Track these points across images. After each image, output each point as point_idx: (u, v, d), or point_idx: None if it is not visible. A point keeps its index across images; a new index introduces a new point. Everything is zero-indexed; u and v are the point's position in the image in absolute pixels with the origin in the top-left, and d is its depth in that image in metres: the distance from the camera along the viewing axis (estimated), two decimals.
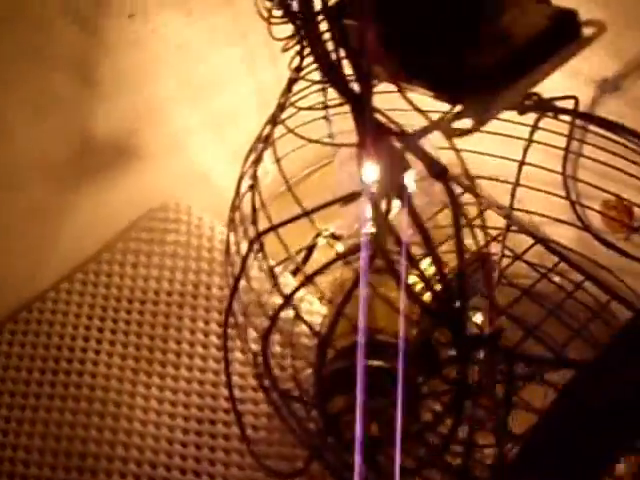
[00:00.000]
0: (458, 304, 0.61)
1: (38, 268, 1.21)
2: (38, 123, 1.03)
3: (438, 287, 0.63)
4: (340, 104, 0.66)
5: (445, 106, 0.60)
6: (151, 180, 1.25)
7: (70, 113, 1.07)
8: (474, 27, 0.58)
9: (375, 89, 0.62)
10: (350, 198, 0.70)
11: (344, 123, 0.72)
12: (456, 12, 0.58)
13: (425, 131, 0.57)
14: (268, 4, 0.74)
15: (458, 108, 0.57)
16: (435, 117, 0.59)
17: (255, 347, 0.91)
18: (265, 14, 0.76)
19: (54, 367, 1.13)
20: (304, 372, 0.99)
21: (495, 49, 0.56)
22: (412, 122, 0.60)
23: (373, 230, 0.64)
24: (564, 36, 0.57)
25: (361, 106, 0.60)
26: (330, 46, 0.66)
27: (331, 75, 0.63)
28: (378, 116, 0.61)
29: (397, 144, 0.59)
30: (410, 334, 0.80)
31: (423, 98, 0.60)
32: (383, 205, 0.62)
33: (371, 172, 0.62)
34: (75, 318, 1.18)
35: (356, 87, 0.63)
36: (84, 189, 1.17)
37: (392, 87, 0.60)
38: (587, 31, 0.59)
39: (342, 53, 0.63)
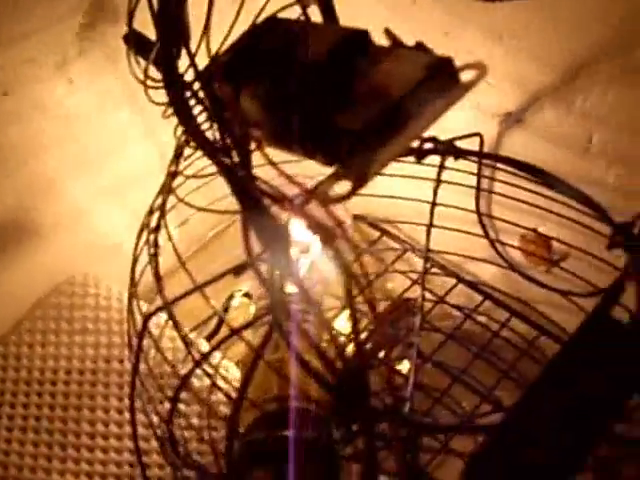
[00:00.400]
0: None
1: None
2: None
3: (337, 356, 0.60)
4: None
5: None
6: (55, 255, 1.21)
7: None
8: (346, 84, 0.55)
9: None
10: (240, 268, 0.67)
11: None
12: (327, 74, 0.55)
13: (303, 197, 0.53)
14: (143, 65, 0.70)
15: (335, 170, 0.53)
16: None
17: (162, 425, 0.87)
18: (141, 77, 0.71)
19: None
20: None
21: (369, 105, 0.53)
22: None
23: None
24: (442, 84, 0.55)
25: (235, 176, 0.57)
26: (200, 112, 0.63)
27: (201, 144, 0.59)
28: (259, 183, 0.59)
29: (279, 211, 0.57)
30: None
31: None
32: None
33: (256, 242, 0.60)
34: None
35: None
36: None
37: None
38: (468, 75, 0.56)
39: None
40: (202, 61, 0.62)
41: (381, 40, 0.61)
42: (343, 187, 0.52)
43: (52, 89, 1.05)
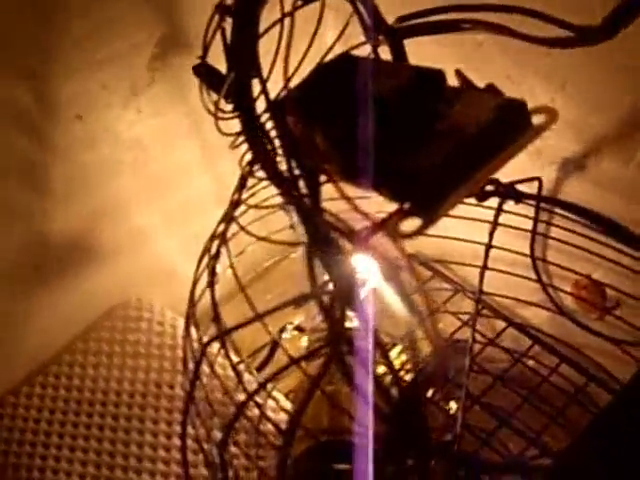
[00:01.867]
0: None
1: None
2: None
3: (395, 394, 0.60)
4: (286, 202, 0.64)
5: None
6: (112, 278, 1.22)
7: (23, 219, 1.05)
8: (420, 123, 0.56)
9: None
10: (302, 300, 0.67)
11: None
12: (400, 111, 0.56)
13: (371, 232, 0.54)
14: (214, 97, 0.71)
15: (406, 207, 0.54)
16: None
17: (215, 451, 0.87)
18: (212, 108, 0.73)
19: (12, 476, 1.08)
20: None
21: (443, 144, 0.53)
22: None
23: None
24: (514, 126, 0.55)
25: (303, 207, 0.58)
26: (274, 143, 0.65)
27: (272, 175, 0.61)
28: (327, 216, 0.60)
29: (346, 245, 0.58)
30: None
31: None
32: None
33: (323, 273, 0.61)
34: (35, 423, 1.14)
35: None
36: (44, 291, 1.14)
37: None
38: (538, 119, 0.57)
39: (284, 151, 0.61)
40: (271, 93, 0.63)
41: (452, 82, 0.62)
42: (408, 225, 0.53)
43: (123, 116, 1.07)
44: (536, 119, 0.57)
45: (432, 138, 0.54)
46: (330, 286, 0.61)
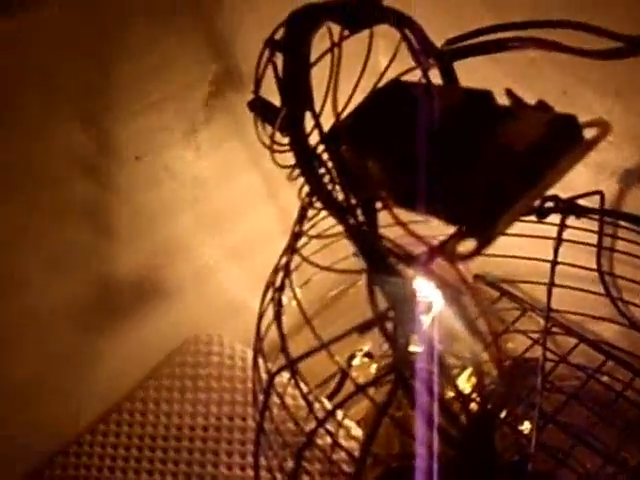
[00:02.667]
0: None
1: (75, 412, 1.20)
2: (58, 275, 1.03)
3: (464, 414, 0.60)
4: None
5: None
6: (181, 314, 1.23)
7: (89, 261, 1.07)
8: (472, 144, 0.56)
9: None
10: (367, 326, 0.67)
11: None
12: (452, 133, 0.56)
13: (430, 256, 0.54)
14: (269, 131, 0.72)
15: (462, 229, 0.54)
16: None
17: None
18: (267, 142, 0.74)
19: None
20: None
21: (495, 164, 0.53)
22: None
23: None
24: (565, 141, 0.55)
25: (362, 235, 0.58)
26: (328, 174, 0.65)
27: (329, 205, 0.61)
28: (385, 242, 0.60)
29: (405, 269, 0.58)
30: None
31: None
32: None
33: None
34: (111, 461, 1.15)
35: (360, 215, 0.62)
36: (114, 331, 1.15)
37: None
38: (591, 132, 0.57)
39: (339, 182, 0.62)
40: (325, 124, 0.63)
41: (503, 101, 0.61)
42: (466, 246, 0.53)
43: (181, 154, 1.09)
44: (589, 132, 0.57)
45: (484, 158, 0.54)
46: (392, 312, 0.61)
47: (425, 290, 0.92)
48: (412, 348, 0.62)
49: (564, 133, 0.55)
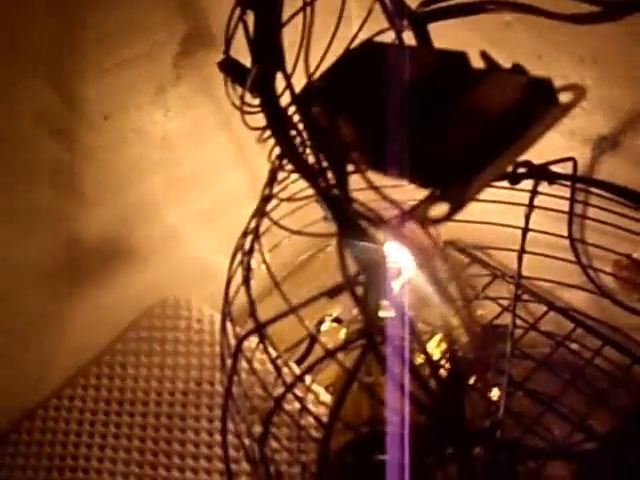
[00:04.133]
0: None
1: (40, 376, 1.19)
2: (24, 237, 1.01)
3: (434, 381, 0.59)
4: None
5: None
6: (148, 278, 1.22)
7: (56, 223, 1.05)
8: (445, 107, 0.55)
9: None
10: (337, 290, 0.67)
11: None
12: (424, 96, 0.55)
13: (402, 220, 0.53)
14: (239, 91, 0.71)
15: (432, 192, 0.53)
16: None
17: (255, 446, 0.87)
18: (237, 103, 0.72)
19: (57, 477, 1.09)
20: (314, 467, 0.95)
21: (468, 127, 0.53)
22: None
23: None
24: (540, 105, 0.54)
25: (332, 198, 0.57)
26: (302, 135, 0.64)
27: (299, 167, 0.60)
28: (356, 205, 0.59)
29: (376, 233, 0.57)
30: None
31: None
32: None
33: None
34: (78, 425, 1.15)
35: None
36: (80, 294, 1.14)
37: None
38: (566, 97, 0.56)
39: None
40: (296, 85, 0.62)
41: (478, 63, 0.61)
42: (438, 210, 0.52)
43: (150, 115, 1.07)
44: (563, 97, 0.56)
45: (457, 121, 0.54)
46: (362, 276, 0.60)
47: (396, 254, 0.91)
48: (382, 313, 0.62)
49: (539, 97, 0.55)
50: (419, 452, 0.71)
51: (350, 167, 0.60)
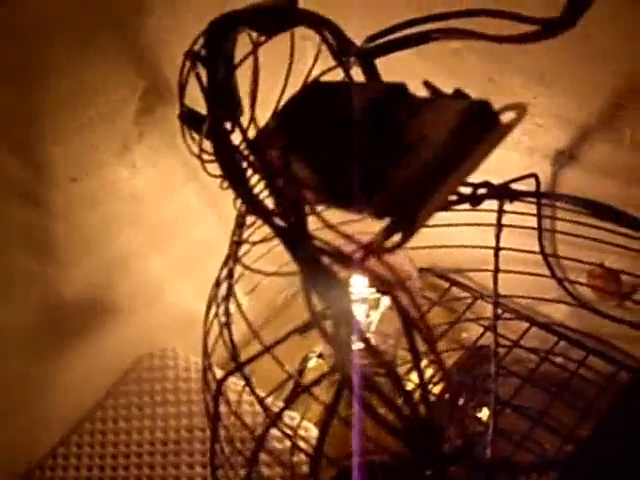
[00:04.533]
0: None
1: (31, 439, 1.18)
2: (1, 301, 1.02)
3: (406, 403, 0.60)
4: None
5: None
6: (131, 331, 1.23)
7: (33, 285, 1.06)
8: (389, 138, 0.56)
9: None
10: (306, 327, 0.68)
11: None
12: (368, 129, 0.56)
13: (360, 252, 0.54)
14: (197, 138, 0.72)
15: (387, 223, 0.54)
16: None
17: None
18: (196, 150, 0.73)
19: None
20: None
21: (412, 156, 0.54)
22: None
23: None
24: (481, 127, 0.56)
25: (291, 238, 0.58)
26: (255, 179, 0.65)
27: (257, 211, 0.61)
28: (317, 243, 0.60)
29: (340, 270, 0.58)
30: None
31: None
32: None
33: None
34: None
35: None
36: (64, 354, 1.14)
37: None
38: (509, 116, 0.58)
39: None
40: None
41: (423, 92, 0.62)
42: (392, 240, 0.53)
43: (117, 172, 1.08)
44: (507, 116, 0.58)
45: (403, 151, 0.55)
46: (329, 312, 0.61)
47: (365, 288, 0.92)
48: (354, 346, 0.62)
49: (479, 119, 0.56)
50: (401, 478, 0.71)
51: (308, 207, 0.61)
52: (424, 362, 1.16)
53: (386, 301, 0.98)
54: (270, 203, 0.63)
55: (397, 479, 0.66)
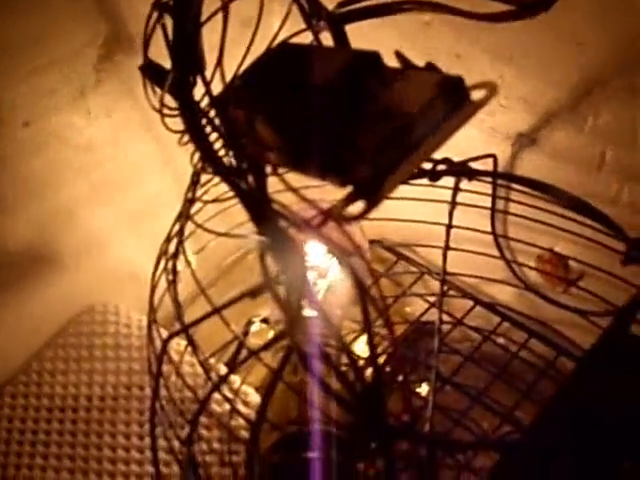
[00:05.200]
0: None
1: None
2: None
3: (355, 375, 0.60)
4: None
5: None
6: (75, 284, 1.21)
7: None
8: (358, 105, 0.55)
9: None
10: (258, 291, 0.67)
11: None
12: (338, 95, 0.55)
13: (322, 220, 0.54)
14: (158, 93, 0.70)
15: (350, 191, 0.54)
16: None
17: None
18: (157, 105, 0.72)
19: None
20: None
21: (381, 125, 0.53)
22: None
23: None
24: (452, 103, 0.55)
25: (251, 199, 0.58)
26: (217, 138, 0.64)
27: (218, 170, 0.60)
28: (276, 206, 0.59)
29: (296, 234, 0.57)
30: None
31: None
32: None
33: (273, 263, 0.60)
34: (7, 433, 1.13)
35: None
36: (3, 303, 1.13)
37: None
38: (478, 94, 0.57)
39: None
40: (219, 88, 0.62)
41: (393, 63, 0.61)
42: (354, 208, 0.53)
43: (71, 120, 1.06)
44: (476, 94, 0.57)
45: (371, 120, 0.54)
46: (283, 277, 0.61)
47: (318, 256, 0.92)
48: (305, 313, 0.62)
49: (451, 95, 0.55)
50: (345, 449, 0.71)
51: (269, 169, 0.60)
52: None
53: (335, 270, 0.97)
54: (229, 162, 0.62)
55: (343, 450, 0.66)
